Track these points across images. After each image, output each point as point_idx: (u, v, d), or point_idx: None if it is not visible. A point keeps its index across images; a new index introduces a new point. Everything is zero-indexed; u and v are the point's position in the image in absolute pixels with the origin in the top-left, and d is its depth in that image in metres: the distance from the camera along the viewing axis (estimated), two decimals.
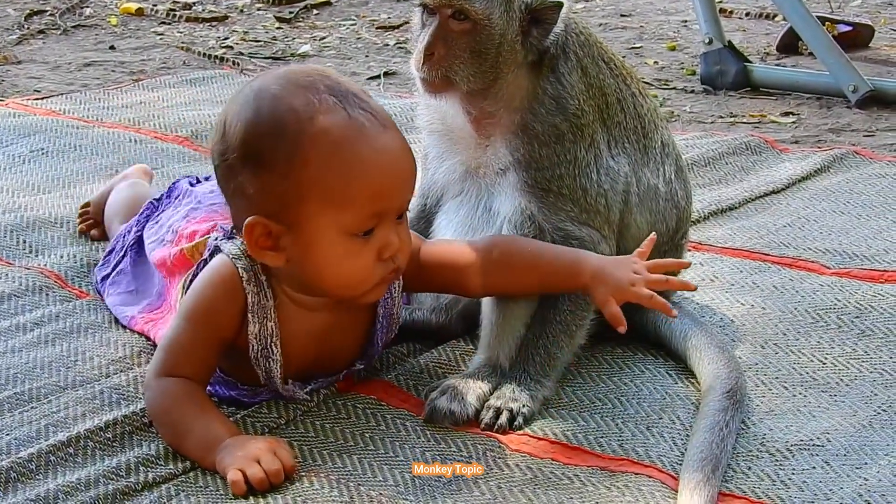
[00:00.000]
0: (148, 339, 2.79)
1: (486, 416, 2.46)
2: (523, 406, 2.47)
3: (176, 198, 3.01)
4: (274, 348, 2.43)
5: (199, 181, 3.09)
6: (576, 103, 2.60)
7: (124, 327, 2.86)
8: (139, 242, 3.00)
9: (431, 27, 2.56)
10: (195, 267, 2.58)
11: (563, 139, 2.60)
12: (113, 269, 3.00)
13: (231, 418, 2.44)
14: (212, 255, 2.51)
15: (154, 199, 3.08)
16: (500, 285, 2.56)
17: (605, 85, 2.68)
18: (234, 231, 2.46)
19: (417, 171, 2.41)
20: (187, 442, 2.34)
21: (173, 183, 3.10)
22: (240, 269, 2.41)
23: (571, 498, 2.22)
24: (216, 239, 2.52)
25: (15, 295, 3.01)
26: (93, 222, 3.41)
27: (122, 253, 3.02)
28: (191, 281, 2.54)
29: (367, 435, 2.40)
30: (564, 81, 2.61)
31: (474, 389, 2.50)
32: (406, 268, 2.44)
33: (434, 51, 2.56)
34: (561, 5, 2.56)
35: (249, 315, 2.41)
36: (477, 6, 2.52)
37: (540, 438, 2.39)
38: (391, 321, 2.57)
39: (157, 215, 3.00)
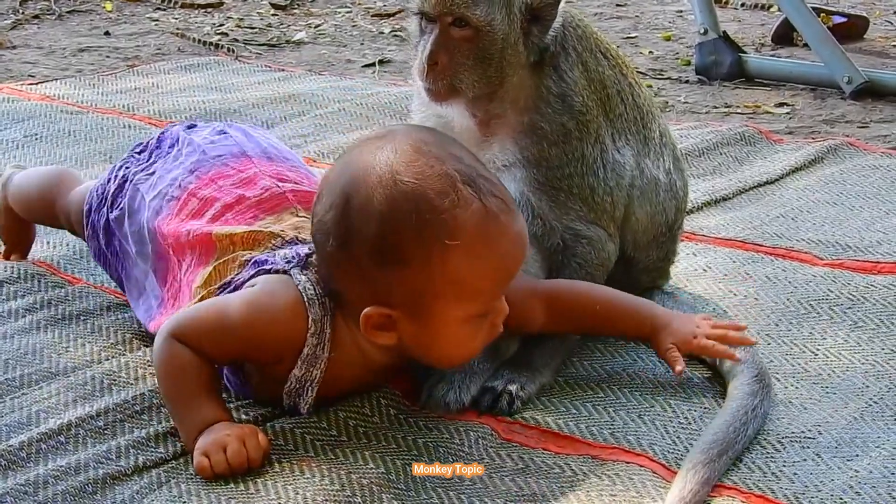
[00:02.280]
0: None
1: (485, 399, 2.46)
2: (521, 389, 2.47)
3: (170, 147, 2.82)
4: (310, 390, 2.39)
5: (193, 127, 2.89)
6: (580, 99, 2.60)
7: (115, 312, 2.84)
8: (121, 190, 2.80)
9: (432, 35, 2.54)
10: (247, 276, 2.44)
11: (570, 137, 2.60)
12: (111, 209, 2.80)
13: (233, 405, 2.44)
14: (275, 271, 2.42)
15: (135, 150, 2.88)
16: (562, 325, 2.57)
17: (605, 77, 2.68)
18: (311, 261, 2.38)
19: None
20: (179, 415, 2.33)
21: (162, 132, 2.91)
22: (310, 319, 2.33)
23: (563, 486, 2.22)
24: (289, 263, 2.40)
25: (7, 282, 3.01)
26: (9, 247, 3.20)
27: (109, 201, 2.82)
28: (238, 284, 2.44)
29: (360, 428, 2.40)
30: (567, 78, 2.60)
31: (472, 379, 2.50)
32: None
33: (437, 60, 2.54)
34: (559, 0, 2.55)
35: (300, 361, 2.36)
36: (478, 12, 2.50)
37: (531, 427, 2.39)
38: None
39: (150, 166, 2.80)
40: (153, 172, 2.77)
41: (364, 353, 2.38)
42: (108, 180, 2.84)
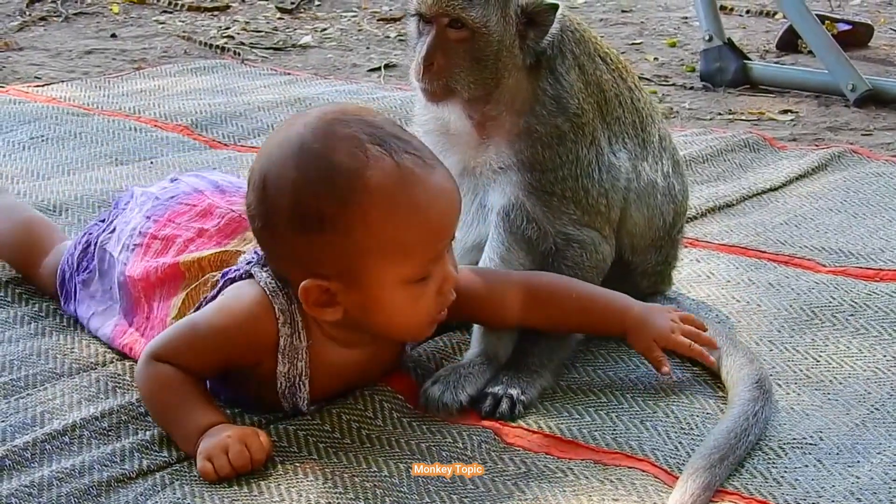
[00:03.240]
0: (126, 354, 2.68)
1: (486, 404, 2.47)
2: (522, 393, 2.48)
3: (125, 203, 2.86)
4: (302, 386, 2.41)
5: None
6: (576, 102, 2.61)
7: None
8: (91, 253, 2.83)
9: (429, 37, 2.57)
10: (216, 289, 2.47)
11: (565, 140, 2.61)
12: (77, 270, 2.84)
13: (229, 410, 2.45)
14: (241, 277, 2.45)
15: (98, 219, 2.91)
16: (538, 320, 2.57)
17: (602, 81, 2.69)
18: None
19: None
20: (174, 428, 2.34)
21: (119, 198, 2.95)
22: (276, 310, 2.36)
23: (565, 491, 2.22)
24: (249, 263, 2.44)
25: (12, 283, 3.02)
26: None
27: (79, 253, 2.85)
28: (212, 297, 2.47)
29: (363, 431, 2.41)
30: (563, 81, 2.61)
31: (468, 380, 2.51)
32: None
33: (433, 60, 2.57)
34: (556, 7, 2.56)
35: (280, 356, 2.37)
36: (474, 14, 2.52)
37: (534, 432, 2.40)
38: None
39: (110, 226, 2.83)
40: (114, 230, 2.81)
41: (340, 340, 2.40)
42: (74, 247, 2.87)
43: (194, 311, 2.48)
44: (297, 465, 2.30)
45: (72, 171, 3.88)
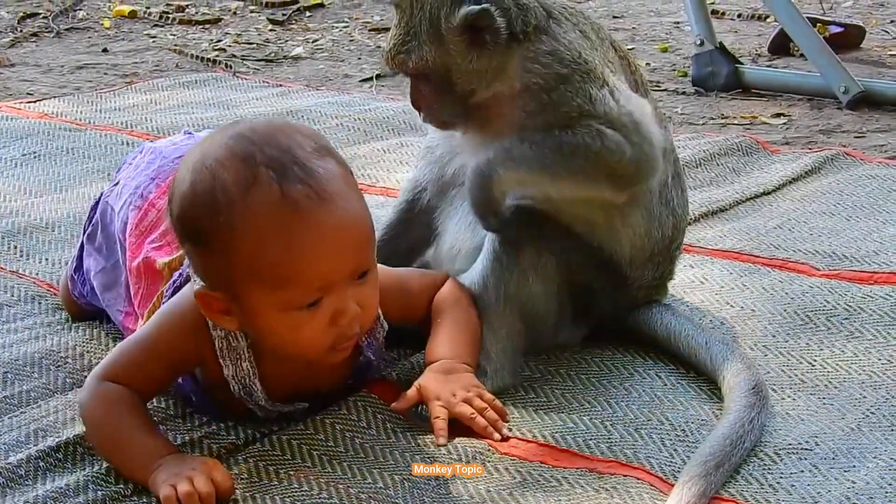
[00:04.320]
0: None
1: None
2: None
3: (133, 159, 2.87)
4: (255, 386, 2.39)
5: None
6: (575, 55, 2.59)
7: (114, 330, 2.84)
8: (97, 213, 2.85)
9: (409, 86, 2.64)
10: (171, 288, 2.51)
11: (570, 80, 2.58)
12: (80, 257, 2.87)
13: (222, 423, 2.46)
14: (183, 283, 2.47)
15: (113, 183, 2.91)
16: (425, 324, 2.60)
17: (608, 56, 2.68)
18: None
19: (373, 231, 2.32)
20: (121, 455, 2.30)
21: (127, 157, 2.97)
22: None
23: (560, 500, 2.22)
24: (188, 266, 2.42)
25: (7, 305, 3.02)
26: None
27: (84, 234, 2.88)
28: (171, 294, 2.49)
29: (357, 440, 2.40)
30: (562, 39, 2.60)
31: None
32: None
33: (419, 106, 2.63)
34: (486, 10, 2.54)
35: (221, 360, 2.37)
36: (412, 61, 2.57)
37: (528, 441, 2.40)
38: (379, 361, 2.56)
39: (115, 179, 2.85)
40: (118, 183, 2.81)
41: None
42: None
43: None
44: (291, 473, 2.30)
45: (64, 188, 3.88)
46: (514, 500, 2.22)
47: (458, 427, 2.41)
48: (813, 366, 2.67)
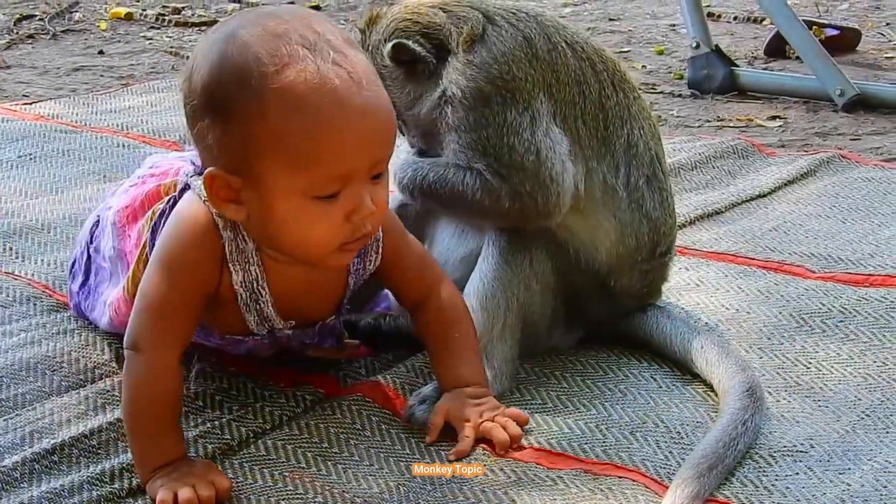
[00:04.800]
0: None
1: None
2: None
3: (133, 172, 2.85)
4: (262, 291, 2.36)
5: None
6: (505, 68, 2.59)
7: (109, 331, 2.84)
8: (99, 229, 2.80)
9: None
10: (164, 202, 2.46)
11: (490, 102, 2.58)
12: (84, 276, 2.83)
13: (216, 421, 2.46)
14: (182, 192, 2.42)
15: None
16: (419, 325, 2.57)
17: (559, 63, 2.64)
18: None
19: (396, 127, 2.30)
20: (133, 443, 2.29)
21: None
22: (214, 214, 2.29)
23: (555, 499, 2.22)
24: (187, 174, 2.39)
25: (2, 305, 3.01)
26: None
27: (83, 249, 2.83)
28: (160, 219, 2.44)
29: (351, 441, 2.41)
30: (496, 49, 2.61)
31: None
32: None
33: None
34: (399, 44, 2.62)
35: (230, 265, 2.32)
36: None
37: (523, 447, 2.40)
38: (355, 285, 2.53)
39: (112, 192, 2.83)
40: (114, 193, 2.80)
41: (276, 256, 2.34)
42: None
43: (158, 217, 2.47)
44: (286, 475, 2.30)
45: (60, 189, 3.88)
46: (508, 499, 2.22)
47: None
48: (808, 368, 2.67)
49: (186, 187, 2.41)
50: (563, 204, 2.60)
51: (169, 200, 2.49)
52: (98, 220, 2.80)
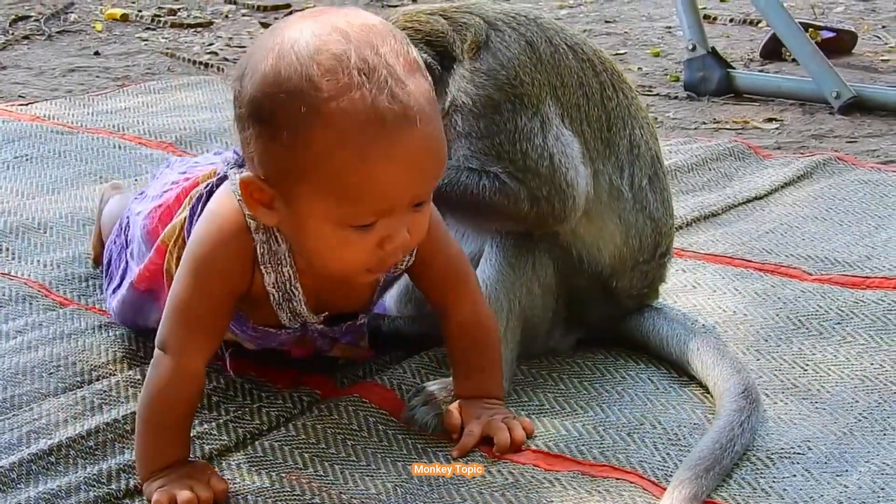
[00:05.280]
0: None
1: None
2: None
3: (161, 172, 2.82)
4: (296, 291, 2.34)
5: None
6: (512, 73, 2.58)
7: (106, 331, 2.83)
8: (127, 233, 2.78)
9: None
10: (203, 186, 2.43)
11: (500, 109, 2.57)
12: (120, 280, 2.78)
13: (213, 422, 2.46)
14: (220, 181, 2.38)
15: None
16: (446, 335, 2.52)
17: (561, 65, 2.64)
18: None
19: (446, 159, 2.22)
20: (138, 443, 2.28)
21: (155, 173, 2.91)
22: (247, 216, 2.25)
23: (552, 501, 2.22)
24: (227, 163, 2.35)
25: None
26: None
27: (118, 256, 2.80)
28: (198, 203, 2.43)
29: (349, 442, 2.41)
30: (501, 56, 2.61)
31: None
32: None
33: None
34: None
35: (261, 266, 2.28)
36: None
37: (521, 449, 2.40)
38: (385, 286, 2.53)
39: (142, 193, 2.79)
40: (143, 192, 2.78)
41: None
42: (118, 228, 2.86)
43: (191, 211, 2.46)
44: (283, 476, 2.30)
45: (56, 190, 3.87)
46: (505, 501, 2.22)
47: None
48: (805, 370, 2.67)
49: (225, 177, 2.38)
50: (579, 208, 2.60)
51: (208, 186, 2.46)
52: (127, 224, 2.78)
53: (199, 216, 2.40)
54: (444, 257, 2.44)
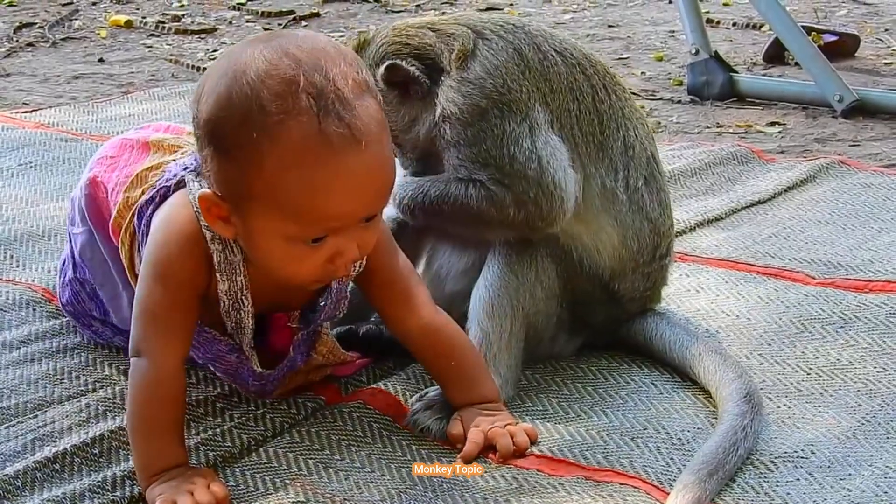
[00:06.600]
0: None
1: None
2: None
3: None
4: (245, 301, 2.38)
5: None
6: (500, 81, 2.60)
7: (109, 345, 2.84)
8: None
9: None
10: (154, 190, 2.47)
11: (487, 115, 2.59)
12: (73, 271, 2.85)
13: (218, 429, 2.46)
14: (177, 186, 2.42)
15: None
16: (416, 353, 2.56)
17: (551, 71, 2.65)
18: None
19: (395, 177, 2.28)
20: (135, 449, 2.29)
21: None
22: (203, 227, 2.31)
23: None
24: (184, 168, 2.41)
25: (2, 310, 3.01)
26: None
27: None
28: (149, 206, 2.46)
29: (352, 448, 2.41)
30: (489, 63, 2.62)
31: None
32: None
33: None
34: (392, 65, 2.62)
35: (217, 274, 2.34)
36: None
37: (524, 454, 2.39)
38: (339, 300, 2.52)
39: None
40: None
41: None
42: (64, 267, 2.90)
43: (145, 204, 2.48)
44: (287, 482, 2.30)
45: (61, 197, 3.87)
46: None
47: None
48: (808, 374, 2.67)
49: (180, 184, 2.42)
50: (567, 209, 2.60)
51: (159, 190, 2.47)
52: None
53: (153, 212, 2.45)
54: (389, 269, 2.50)
